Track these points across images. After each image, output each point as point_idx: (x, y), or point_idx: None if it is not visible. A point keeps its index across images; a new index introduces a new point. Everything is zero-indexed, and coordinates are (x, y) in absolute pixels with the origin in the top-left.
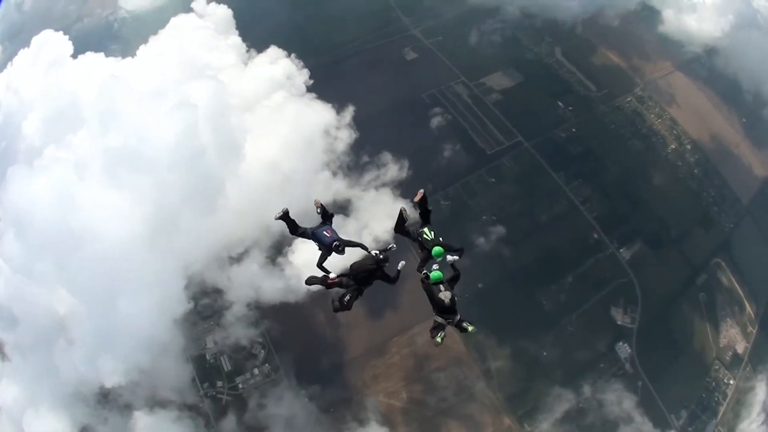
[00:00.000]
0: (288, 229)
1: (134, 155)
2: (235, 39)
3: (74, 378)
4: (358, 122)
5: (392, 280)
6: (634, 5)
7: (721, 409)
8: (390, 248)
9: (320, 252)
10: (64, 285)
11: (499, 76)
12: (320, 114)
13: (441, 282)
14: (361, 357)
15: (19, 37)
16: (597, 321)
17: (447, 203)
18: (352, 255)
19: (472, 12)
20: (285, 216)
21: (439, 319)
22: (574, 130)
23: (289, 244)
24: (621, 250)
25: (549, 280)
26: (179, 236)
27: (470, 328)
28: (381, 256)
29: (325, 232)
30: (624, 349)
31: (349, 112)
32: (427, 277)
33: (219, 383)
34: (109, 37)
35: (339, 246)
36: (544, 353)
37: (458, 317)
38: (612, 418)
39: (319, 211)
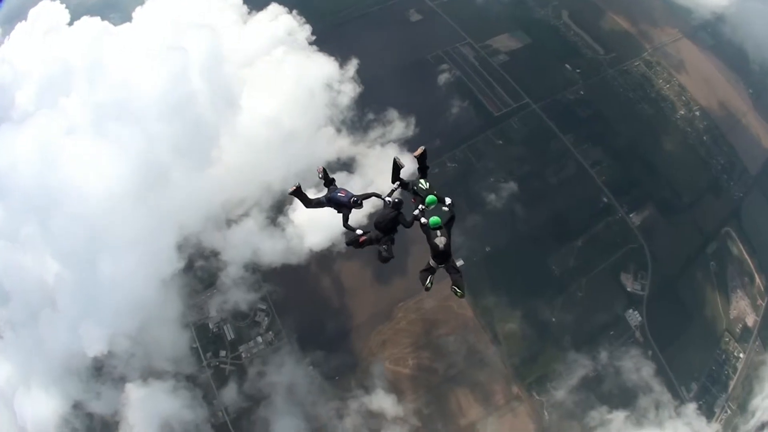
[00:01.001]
0: (302, 203)
1: (121, 104)
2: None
3: (61, 349)
4: (362, 80)
5: (408, 224)
6: None
7: (732, 383)
8: (396, 190)
9: (341, 213)
10: (48, 247)
11: (505, 38)
12: (322, 66)
13: (439, 227)
14: (367, 322)
15: (18, 18)
16: (607, 287)
17: (454, 165)
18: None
19: None
20: (298, 191)
21: (432, 263)
22: (582, 92)
23: (290, 203)
24: (631, 215)
25: (558, 244)
26: (170, 190)
27: (458, 293)
28: (396, 200)
29: (339, 194)
30: (634, 317)
31: (353, 65)
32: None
33: (222, 353)
34: (108, 7)
35: (357, 200)
36: (553, 319)
37: (451, 261)
38: (623, 388)
39: (321, 176)
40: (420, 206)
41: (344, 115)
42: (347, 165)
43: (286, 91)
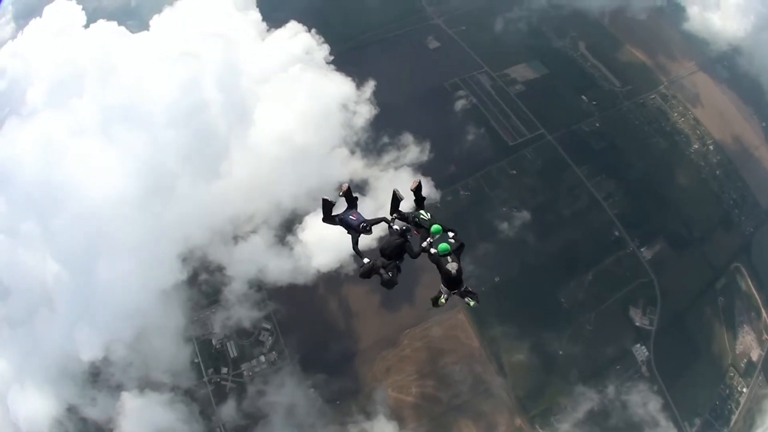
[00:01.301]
0: (323, 214)
1: (132, 109)
2: (255, 15)
3: (56, 350)
4: (378, 103)
5: (415, 255)
6: (659, 1)
7: (734, 418)
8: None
9: (350, 236)
10: (47, 245)
11: (523, 68)
12: (339, 86)
13: (449, 254)
14: (372, 347)
15: (33, 14)
16: (615, 321)
17: (467, 194)
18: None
19: (496, 1)
20: (329, 203)
21: (444, 290)
22: (597, 124)
23: (299, 222)
24: (642, 249)
25: (568, 276)
26: (176, 199)
27: (471, 303)
28: (404, 228)
29: (351, 217)
30: (641, 352)
31: (370, 87)
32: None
33: (224, 369)
34: (126, 14)
35: (366, 227)
36: (560, 352)
37: (464, 287)
38: (629, 422)
39: (341, 194)
40: (429, 239)
41: (359, 136)
42: (360, 187)
43: (301, 109)
